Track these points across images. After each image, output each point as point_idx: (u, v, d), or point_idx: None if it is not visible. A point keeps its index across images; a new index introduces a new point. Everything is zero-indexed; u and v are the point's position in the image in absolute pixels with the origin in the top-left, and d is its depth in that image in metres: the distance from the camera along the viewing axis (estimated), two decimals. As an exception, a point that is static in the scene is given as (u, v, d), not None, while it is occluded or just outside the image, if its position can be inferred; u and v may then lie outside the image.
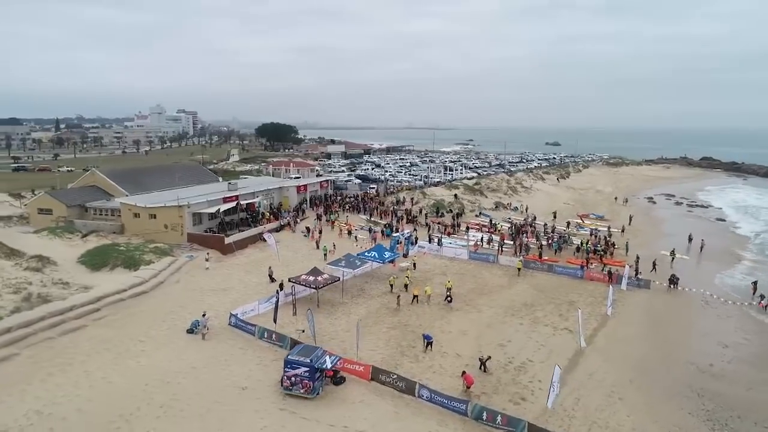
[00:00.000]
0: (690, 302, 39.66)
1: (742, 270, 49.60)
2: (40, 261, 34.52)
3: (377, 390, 25.02)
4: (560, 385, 25.32)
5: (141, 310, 31.57)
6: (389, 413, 23.10)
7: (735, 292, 42.29)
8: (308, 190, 62.36)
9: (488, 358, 27.81)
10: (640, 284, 42.42)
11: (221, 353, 27.76)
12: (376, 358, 28.51)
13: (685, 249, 55.73)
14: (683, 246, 56.42)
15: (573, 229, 61.86)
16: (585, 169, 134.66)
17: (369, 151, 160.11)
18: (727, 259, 53.16)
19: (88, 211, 50.20)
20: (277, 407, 22.96)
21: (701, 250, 55.30)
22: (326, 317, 33.49)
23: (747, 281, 43.70)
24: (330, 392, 24.64)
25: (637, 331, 33.90)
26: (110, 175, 55.59)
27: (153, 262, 37.45)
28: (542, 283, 42.70)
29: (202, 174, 64.58)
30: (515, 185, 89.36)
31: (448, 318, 34.66)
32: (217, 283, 37.99)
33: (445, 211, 64.21)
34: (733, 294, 41.56)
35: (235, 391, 24.06)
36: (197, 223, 46.75)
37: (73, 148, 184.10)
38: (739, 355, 31.04)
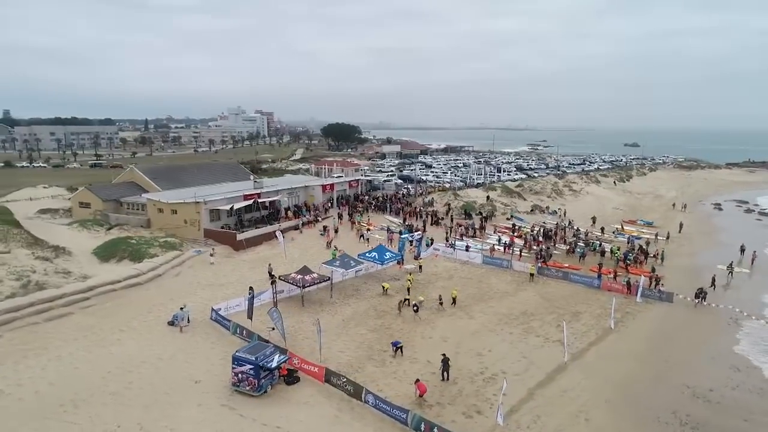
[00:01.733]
0: (715, 320, 36.05)
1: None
2: (55, 251, 37.13)
3: (328, 392, 24.72)
4: (507, 400, 24.21)
5: (130, 301, 33.15)
6: (329, 417, 22.75)
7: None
8: (335, 189, 62.84)
9: (445, 359, 26.49)
10: (662, 297, 39.12)
11: (191, 346, 28.55)
12: (342, 359, 28.25)
13: (737, 261, 50.78)
14: (734, 257, 51.48)
15: (610, 236, 58.13)
16: (651, 172, 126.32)
17: (426, 152, 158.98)
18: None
19: (122, 205, 53.39)
20: (220, 403, 23.26)
21: (752, 263, 50.20)
22: (310, 316, 33.55)
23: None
24: (280, 391, 24.64)
25: (636, 347, 31.25)
26: (146, 172, 58.90)
27: (157, 256, 39.25)
28: (552, 292, 40.49)
29: (237, 172, 66.86)
30: (562, 188, 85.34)
31: (435, 324, 33.67)
32: (217, 278, 39.16)
33: (474, 213, 62.47)
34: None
35: (189, 384, 24.64)
36: (215, 219, 48.44)
37: (150, 146, 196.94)
38: (750, 382, 27.79)
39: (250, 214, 52.67)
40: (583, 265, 46.99)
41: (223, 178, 62.58)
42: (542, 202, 75.15)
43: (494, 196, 71.55)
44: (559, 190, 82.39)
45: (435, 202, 66.64)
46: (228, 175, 64.37)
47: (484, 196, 70.88)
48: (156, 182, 56.94)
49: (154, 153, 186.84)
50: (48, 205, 57.00)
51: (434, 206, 64.51)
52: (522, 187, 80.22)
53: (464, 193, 71.66)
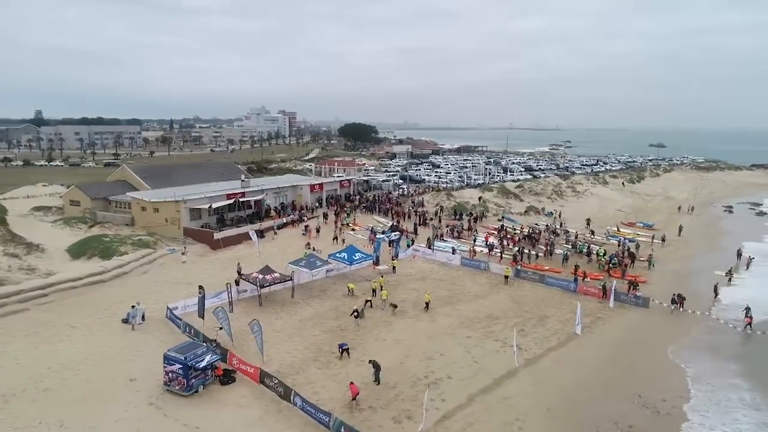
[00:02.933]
0: (688, 327, 34.64)
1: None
2: (28, 248, 37.87)
3: (261, 394, 24.51)
4: (444, 405, 23.86)
5: (90, 298, 33.54)
6: (254, 418, 22.53)
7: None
8: (324, 189, 62.68)
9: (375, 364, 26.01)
10: (638, 302, 37.83)
11: (139, 344, 28.68)
12: (287, 360, 28.05)
13: (734, 266, 48.80)
14: (731, 262, 49.62)
15: (602, 238, 56.58)
16: (666, 173, 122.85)
17: (438, 152, 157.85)
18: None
19: (110, 203, 54.20)
20: (148, 402, 23.25)
21: (747, 268, 48.27)
22: (267, 316, 33.42)
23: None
24: (212, 391, 24.53)
25: (597, 354, 30.21)
26: (137, 170, 59.76)
27: (127, 254, 39.65)
28: (525, 295, 39.56)
29: (230, 171, 67.24)
30: (565, 189, 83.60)
31: (393, 326, 33.18)
32: (185, 276, 39.36)
33: (465, 213, 61.60)
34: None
35: (124, 382, 24.71)
36: (195, 218, 48.79)
37: (168, 146, 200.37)
38: (739, 396, 26.55)
39: (234, 213, 52.88)
40: (566, 268, 45.83)
41: (215, 177, 63.08)
42: (540, 204, 73.79)
43: (490, 197, 70.51)
44: (560, 192, 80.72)
45: (427, 202, 65.96)
46: (220, 175, 64.84)
47: (482, 196, 69.87)
48: (146, 181, 57.70)
49: (171, 152, 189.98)
50: (43, 202, 58.25)
51: (424, 207, 63.83)
52: (521, 188, 78.87)
53: (459, 193, 70.78)
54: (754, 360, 30.27)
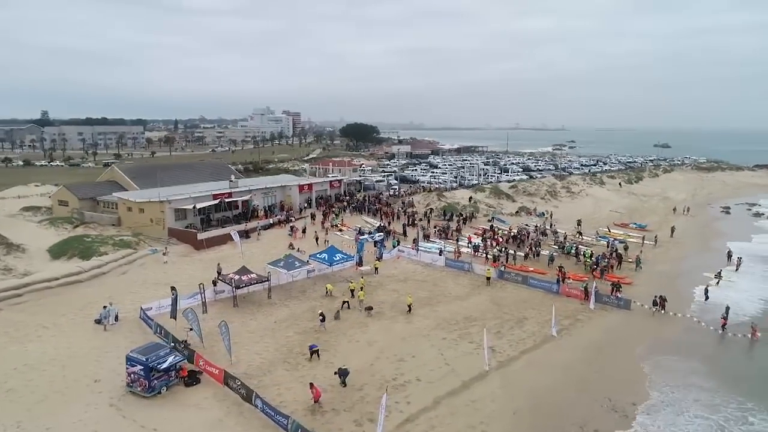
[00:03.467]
0: (665, 329, 34.18)
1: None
2: (8, 248, 37.96)
3: (225, 395, 24.36)
4: (409, 408, 23.67)
5: (66, 299, 33.54)
6: (213, 420, 22.38)
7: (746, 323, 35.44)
8: (314, 189, 62.51)
9: (340, 372, 25.84)
10: (619, 304, 37.42)
11: (109, 344, 28.59)
12: (255, 362, 27.91)
13: (725, 267, 48.21)
14: (722, 263, 49.12)
15: (592, 239, 56.11)
16: (666, 173, 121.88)
17: (437, 152, 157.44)
18: (763, 285, 44.96)
19: (99, 204, 54.27)
20: (109, 403, 23.18)
21: (737, 270, 47.68)
22: (242, 317, 33.35)
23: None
24: (175, 393, 24.40)
25: (572, 356, 29.86)
26: (126, 171, 59.86)
27: (107, 254, 39.63)
28: (506, 296, 39.25)
29: (221, 171, 67.17)
30: (560, 189, 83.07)
31: (368, 327, 32.97)
32: (165, 277, 39.29)
33: (456, 214, 61.30)
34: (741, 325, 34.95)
35: (87, 383, 24.64)
36: (181, 218, 48.75)
37: (169, 146, 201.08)
38: (697, 396, 26.25)
39: (221, 214, 52.84)
40: (552, 269, 45.40)
41: (205, 177, 63.06)
42: (534, 204, 73.32)
43: (481, 198, 70.16)
44: (554, 192, 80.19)
45: (418, 203, 65.69)
46: (210, 175, 64.80)
47: (473, 197, 69.52)
48: (135, 181, 57.77)
49: (173, 152, 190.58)
50: (34, 202, 58.46)
51: (414, 207, 63.57)
52: (515, 189, 78.43)
53: (451, 194, 70.46)
54: (719, 361, 30.03)
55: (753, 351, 31.85)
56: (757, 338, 32.30)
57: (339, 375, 25.52)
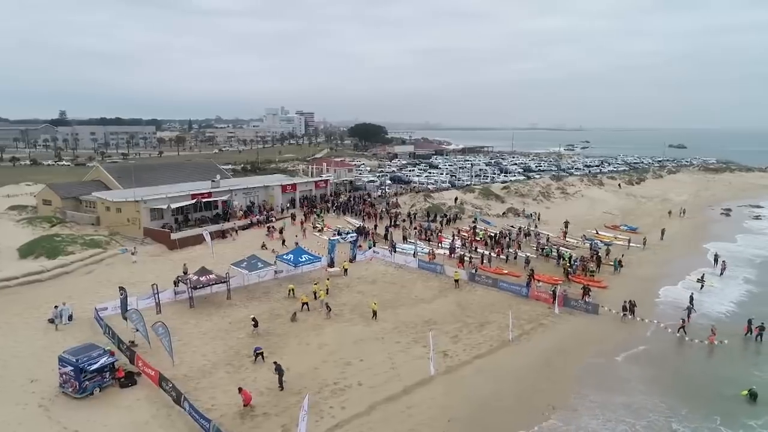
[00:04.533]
0: (627, 335, 33.30)
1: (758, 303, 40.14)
2: (-24, 247, 38.27)
3: (158, 397, 24.19)
4: (341, 413, 23.32)
5: (23, 298, 33.72)
6: (139, 423, 22.22)
7: (723, 329, 34.33)
8: (297, 189, 62.31)
9: (278, 367, 25.63)
10: (587, 308, 36.59)
11: (56, 344, 28.41)
12: (198, 364, 27.74)
13: (710, 271, 47.02)
14: (708, 266, 48.02)
15: (578, 241, 55.12)
16: (671, 174, 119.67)
17: (441, 152, 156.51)
18: (744, 289, 43.56)
19: (81, 203, 54.70)
20: (39, 403, 23.14)
21: (721, 274, 46.42)
22: (198, 318, 33.27)
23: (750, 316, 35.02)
24: (109, 394, 24.29)
25: (525, 362, 29.20)
26: (110, 170, 60.35)
27: (73, 253, 39.83)
28: (474, 299, 38.62)
29: (208, 171, 67.00)
30: (554, 190, 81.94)
31: (324, 329, 32.63)
32: (131, 276, 39.36)
33: (440, 215, 60.70)
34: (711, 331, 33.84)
35: (23, 383, 24.64)
36: (157, 218, 48.91)
37: (177, 147, 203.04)
38: (628, 401, 25.55)
39: (200, 214, 52.93)
40: (527, 271, 44.63)
41: (191, 177, 63.15)
42: (525, 205, 72.36)
43: (470, 199, 69.44)
44: (547, 193, 79.08)
45: (404, 203, 65.22)
46: (197, 175, 64.86)
47: (461, 197, 68.84)
48: (119, 181, 58.12)
49: (181, 152, 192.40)
50: (21, 201, 59.13)
51: (399, 208, 63.14)
52: (508, 190, 77.49)
53: (439, 195, 69.87)
54: (667, 367, 29.20)
55: (704, 356, 31.08)
56: (712, 342, 31.48)
57: (276, 371, 25.35)
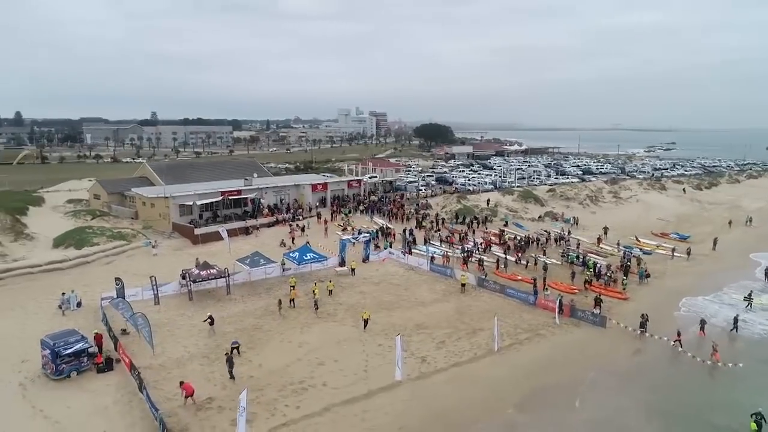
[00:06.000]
0: (626, 351, 30.93)
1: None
2: (17, 236, 42.13)
3: (127, 384, 25.39)
4: (294, 413, 23.54)
5: (43, 284, 36.52)
6: (99, 407, 23.41)
7: (746, 351, 31.24)
8: (329, 189, 63.08)
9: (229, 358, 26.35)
10: (595, 320, 34.32)
11: (57, 329, 30.42)
12: (176, 355, 28.79)
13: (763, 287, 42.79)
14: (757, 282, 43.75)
15: (613, 249, 51.77)
16: (751, 179, 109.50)
17: (502, 153, 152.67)
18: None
19: (126, 198, 58.49)
20: (20, 382, 25.02)
21: (763, 291, 41.98)
22: (195, 311, 34.52)
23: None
24: (85, 378, 25.77)
25: (506, 374, 27.84)
26: (155, 168, 63.98)
27: (98, 244, 42.63)
28: (476, 305, 37.39)
29: (249, 169, 69.13)
30: (605, 194, 77.51)
31: (310, 328, 32.84)
32: (148, 268, 41.38)
33: (471, 218, 59.24)
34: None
35: (15, 362, 26.72)
36: (185, 213, 51.35)
37: (247, 146, 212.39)
38: (597, 416, 23.81)
39: (230, 210, 55.00)
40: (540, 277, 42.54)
41: (229, 175, 65.57)
42: (569, 209, 68.96)
43: (507, 201, 67.22)
44: (596, 197, 74.90)
45: (437, 205, 64.31)
46: (237, 173, 67.10)
47: (497, 200, 66.89)
48: (162, 177, 61.52)
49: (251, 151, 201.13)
50: (78, 196, 64.03)
51: (429, 209, 62.32)
52: (553, 192, 74.19)
53: (475, 197, 68.19)
54: (656, 388, 26.74)
55: (699, 378, 28.22)
56: (717, 359, 28.61)
57: (227, 361, 26.25)
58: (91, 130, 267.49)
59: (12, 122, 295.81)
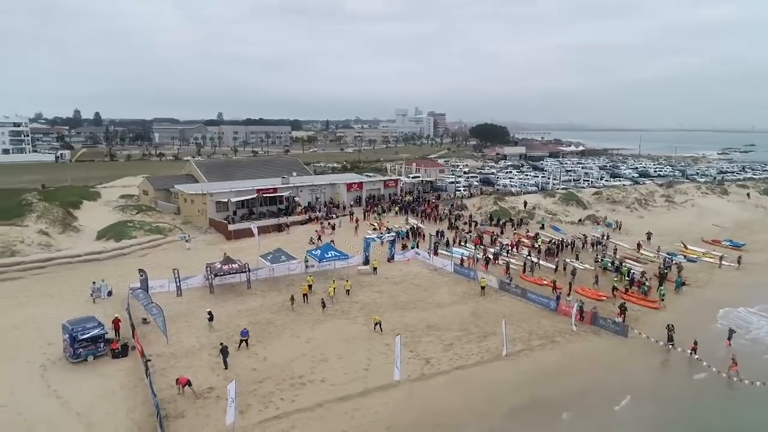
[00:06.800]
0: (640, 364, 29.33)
1: None
2: (65, 228, 45.20)
3: (137, 370, 26.73)
4: (288, 406, 24.09)
5: (80, 273, 38.98)
6: (106, 390, 24.79)
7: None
8: (364, 188, 63.55)
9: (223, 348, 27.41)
10: (617, 330, 32.79)
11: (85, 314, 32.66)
12: (188, 345, 29.91)
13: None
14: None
15: (655, 255, 49.15)
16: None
17: (557, 154, 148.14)
18: None
19: (171, 194, 61.41)
20: (41, 363, 26.91)
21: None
22: (215, 303, 35.77)
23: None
24: (100, 362, 27.37)
25: (506, 380, 27.19)
26: (199, 165, 66.75)
27: (135, 237, 45.01)
28: (493, 309, 36.63)
29: (291, 168, 70.70)
30: (657, 198, 73.64)
31: (320, 325, 33.33)
32: (180, 261, 43.19)
33: (506, 219, 57.99)
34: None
35: (42, 345, 28.75)
36: (222, 210, 53.30)
37: (302, 145, 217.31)
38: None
39: (266, 208, 56.59)
40: (574, 283, 41.12)
41: (270, 173, 67.26)
42: (614, 213, 66.04)
43: (547, 203, 65.22)
44: (645, 201, 71.28)
45: (473, 206, 63.37)
46: (278, 171, 68.69)
47: (537, 202, 65.09)
48: (206, 175, 64.16)
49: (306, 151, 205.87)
50: (130, 191, 67.91)
51: (464, 210, 61.48)
52: (599, 195, 71.27)
53: (514, 198, 66.61)
54: (665, 405, 25.08)
55: (713, 395, 26.36)
56: (735, 371, 26.74)
57: (221, 351, 27.33)
58: (159, 129, 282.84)
59: (92, 122, 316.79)
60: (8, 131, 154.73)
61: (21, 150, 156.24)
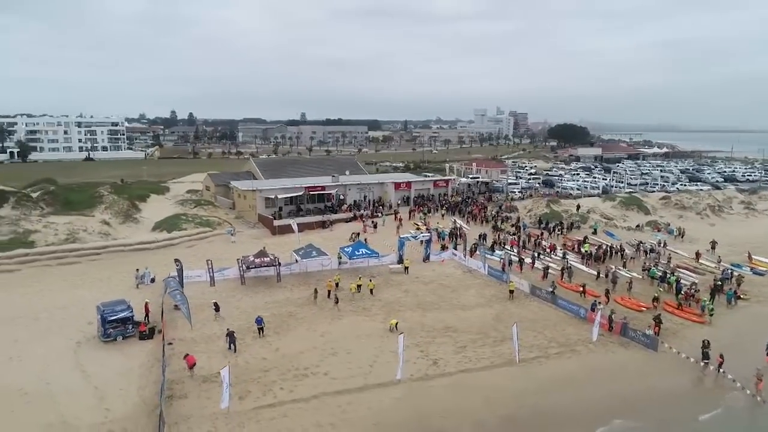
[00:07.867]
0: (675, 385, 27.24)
1: None
2: (126, 219, 49.10)
3: (157, 351, 28.68)
4: (287, 395, 24.89)
5: (130, 261, 42.17)
6: (126, 368, 26.88)
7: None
8: (412, 188, 63.56)
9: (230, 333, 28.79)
10: (647, 343, 30.76)
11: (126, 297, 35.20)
12: (209, 332, 31.63)
13: None
14: None
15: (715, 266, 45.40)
16: None
17: (637, 156, 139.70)
18: None
19: (230, 190, 64.79)
20: (77, 340, 29.60)
21: None
22: (244, 294, 37.59)
23: None
24: (128, 342, 29.66)
25: (511, 387, 26.43)
26: (258, 163, 69.77)
27: (186, 229, 47.95)
28: (518, 314, 35.52)
29: (346, 166, 72.10)
30: (735, 205, 67.72)
31: (339, 320, 33.99)
32: (223, 253, 45.70)
33: (556, 223, 55.84)
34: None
35: (82, 324, 31.56)
36: (270, 206, 55.54)
37: (376, 144, 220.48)
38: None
39: (313, 204, 58.33)
40: (614, 292, 38.98)
41: (324, 172, 68.89)
42: (681, 219, 61.57)
43: (605, 207, 61.97)
44: (718, 207, 65.73)
45: (524, 207, 61.60)
46: (332, 170, 70.24)
47: (594, 205, 62.12)
48: (263, 173, 67.10)
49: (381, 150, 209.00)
50: (197, 187, 72.39)
51: (513, 213, 59.87)
52: (667, 201, 66.62)
53: (569, 201, 63.91)
54: None
55: None
56: (760, 389, 24.31)
57: (227, 336, 28.89)
58: (244, 129, 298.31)
59: (186, 122, 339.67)
60: (107, 130, 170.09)
61: (117, 147, 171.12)
